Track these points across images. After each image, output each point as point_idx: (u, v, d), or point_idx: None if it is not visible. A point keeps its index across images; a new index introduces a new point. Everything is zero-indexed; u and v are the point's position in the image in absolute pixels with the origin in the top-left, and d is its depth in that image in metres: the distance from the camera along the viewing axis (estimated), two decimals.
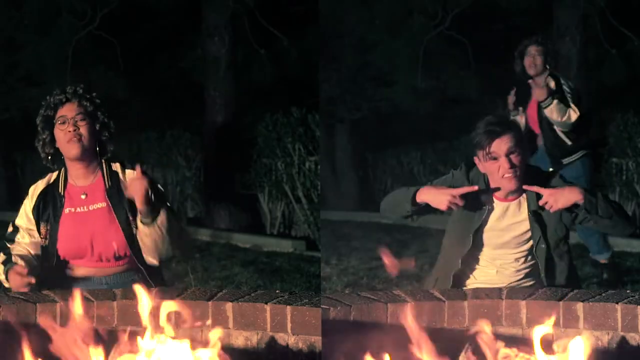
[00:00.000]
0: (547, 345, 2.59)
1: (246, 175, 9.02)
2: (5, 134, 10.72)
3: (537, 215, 3.26)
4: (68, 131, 3.13)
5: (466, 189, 3.16)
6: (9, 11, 9.74)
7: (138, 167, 3.06)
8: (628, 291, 2.93)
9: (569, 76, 8.56)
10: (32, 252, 3.16)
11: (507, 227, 3.31)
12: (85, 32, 9.62)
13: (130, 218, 3.12)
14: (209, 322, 2.71)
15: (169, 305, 2.45)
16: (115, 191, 3.15)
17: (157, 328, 2.41)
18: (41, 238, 3.16)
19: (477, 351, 2.47)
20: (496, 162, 3.16)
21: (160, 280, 3.27)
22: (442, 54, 10.23)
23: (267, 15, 9.31)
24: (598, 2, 8.62)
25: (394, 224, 8.63)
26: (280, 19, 9.59)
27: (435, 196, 3.16)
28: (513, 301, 2.79)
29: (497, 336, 2.54)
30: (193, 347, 2.42)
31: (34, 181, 3.32)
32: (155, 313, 2.43)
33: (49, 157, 3.25)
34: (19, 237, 3.18)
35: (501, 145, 3.14)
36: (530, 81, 5.43)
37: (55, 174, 3.25)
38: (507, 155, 3.15)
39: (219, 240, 8.24)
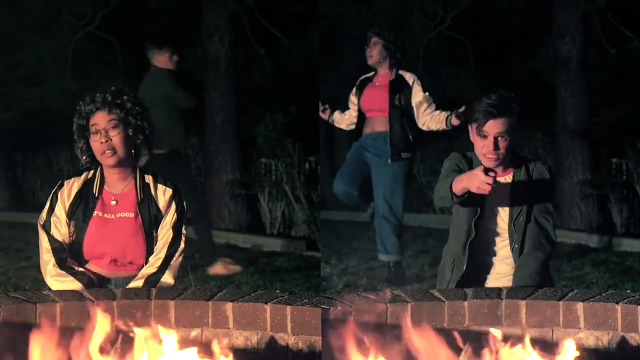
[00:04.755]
0: (547, 345, 2.59)
1: (246, 175, 9.02)
2: (5, 134, 10.72)
3: (519, 188, 3.36)
4: (100, 142, 3.12)
5: (481, 168, 3.14)
6: (9, 11, 9.73)
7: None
8: (628, 291, 2.93)
9: (569, 76, 8.60)
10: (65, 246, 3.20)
11: (495, 200, 3.37)
12: (85, 32, 9.61)
13: (153, 232, 3.19)
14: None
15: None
16: (145, 204, 3.18)
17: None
18: (69, 236, 3.17)
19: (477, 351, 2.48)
20: (484, 140, 3.30)
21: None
22: (442, 54, 10.23)
23: (267, 15, 9.31)
24: (598, 2, 8.61)
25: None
26: (280, 19, 9.59)
27: (469, 181, 3.14)
28: (513, 301, 2.79)
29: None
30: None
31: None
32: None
33: (88, 161, 3.23)
34: (53, 230, 3.18)
35: (494, 127, 3.27)
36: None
37: (90, 173, 3.24)
38: (496, 137, 3.28)
39: (219, 240, 8.23)
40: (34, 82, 10.11)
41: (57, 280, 3.10)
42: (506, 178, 3.41)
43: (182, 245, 3.20)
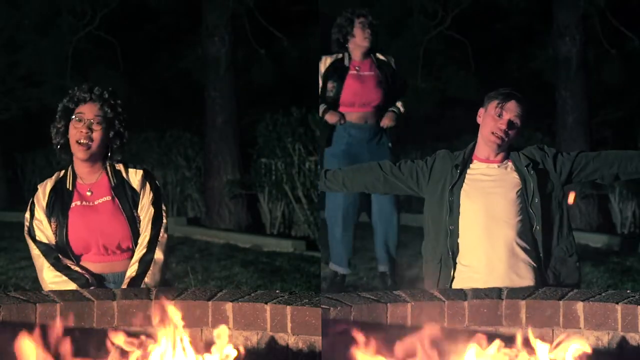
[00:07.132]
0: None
1: (246, 175, 9.02)
2: (5, 134, 10.72)
3: (527, 171, 3.39)
4: (80, 131, 3.18)
5: None
6: (9, 11, 9.73)
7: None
8: (628, 291, 2.93)
9: (569, 76, 8.60)
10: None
11: (490, 188, 3.40)
12: (85, 32, 9.62)
13: (134, 213, 3.22)
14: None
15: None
16: (120, 187, 3.24)
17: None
18: (53, 234, 3.21)
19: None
20: (497, 120, 3.39)
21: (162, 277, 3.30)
22: (442, 54, 10.23)
23: (267, 15, 9.31)
24: (598, 2, 8.61)
25: None
26: (280, 19, 9.59)
27: None
28: (513, 301, 2.79)
29: (497, 336, 2.54)
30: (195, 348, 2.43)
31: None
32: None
33: (59, 146, 3.29)
34: (38, 234, 3.21)
35: (514, 108, 3.41)
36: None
37: (62, 172, 3.30)
38: (510, 120, 3.40)
39: (219, 240, 8.24)
40: (33, 82, 10.11)
41: (54, 284, 3.11)
42: (507, 166, 3.45)
43: (165, 220, 3.26)
